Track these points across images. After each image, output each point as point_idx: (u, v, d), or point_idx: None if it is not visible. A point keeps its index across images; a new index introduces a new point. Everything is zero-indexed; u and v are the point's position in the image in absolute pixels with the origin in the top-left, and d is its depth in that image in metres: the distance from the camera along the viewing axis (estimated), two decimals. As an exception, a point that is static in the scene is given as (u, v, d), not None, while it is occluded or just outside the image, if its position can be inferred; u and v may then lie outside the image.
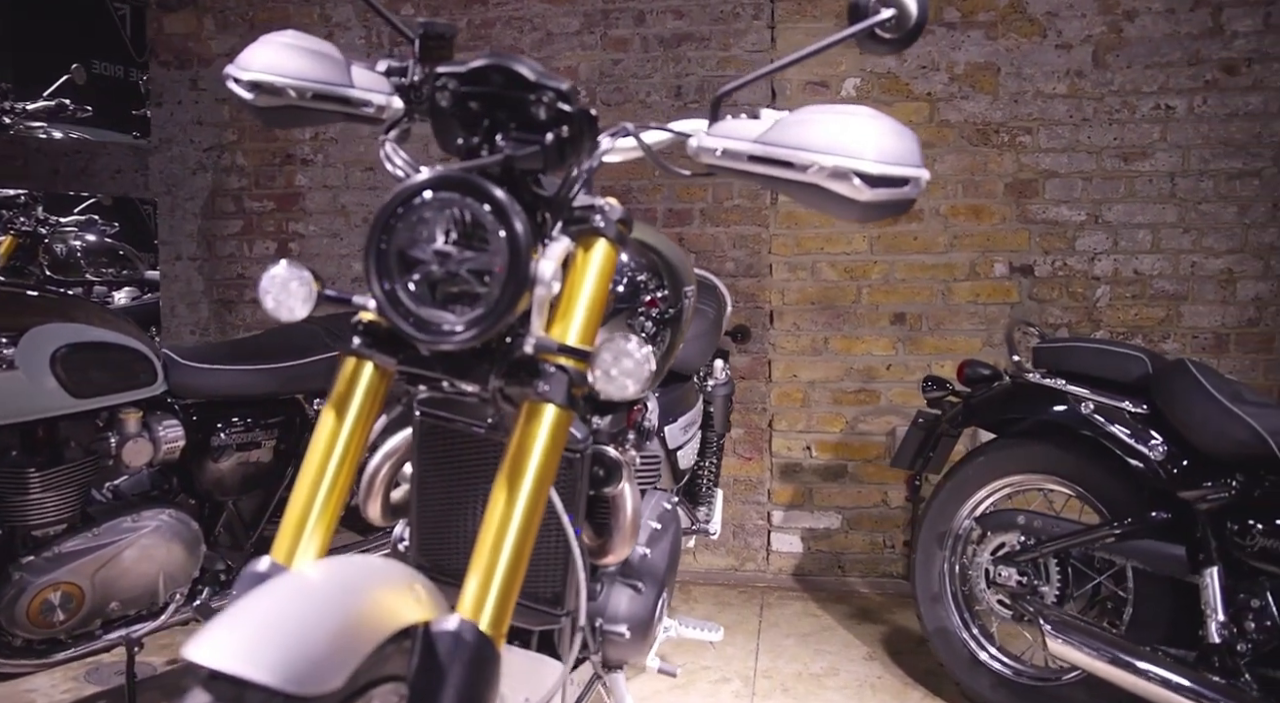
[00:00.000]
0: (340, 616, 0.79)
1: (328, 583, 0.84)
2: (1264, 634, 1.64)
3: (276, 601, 0.78)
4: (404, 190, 0.93)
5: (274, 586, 0.82)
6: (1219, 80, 2.76)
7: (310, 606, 0.79)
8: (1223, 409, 1.71)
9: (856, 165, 0.94)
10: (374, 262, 0.94)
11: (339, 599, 0.81)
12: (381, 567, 0.91)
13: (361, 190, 3.19)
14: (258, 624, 0.75)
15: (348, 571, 0.87)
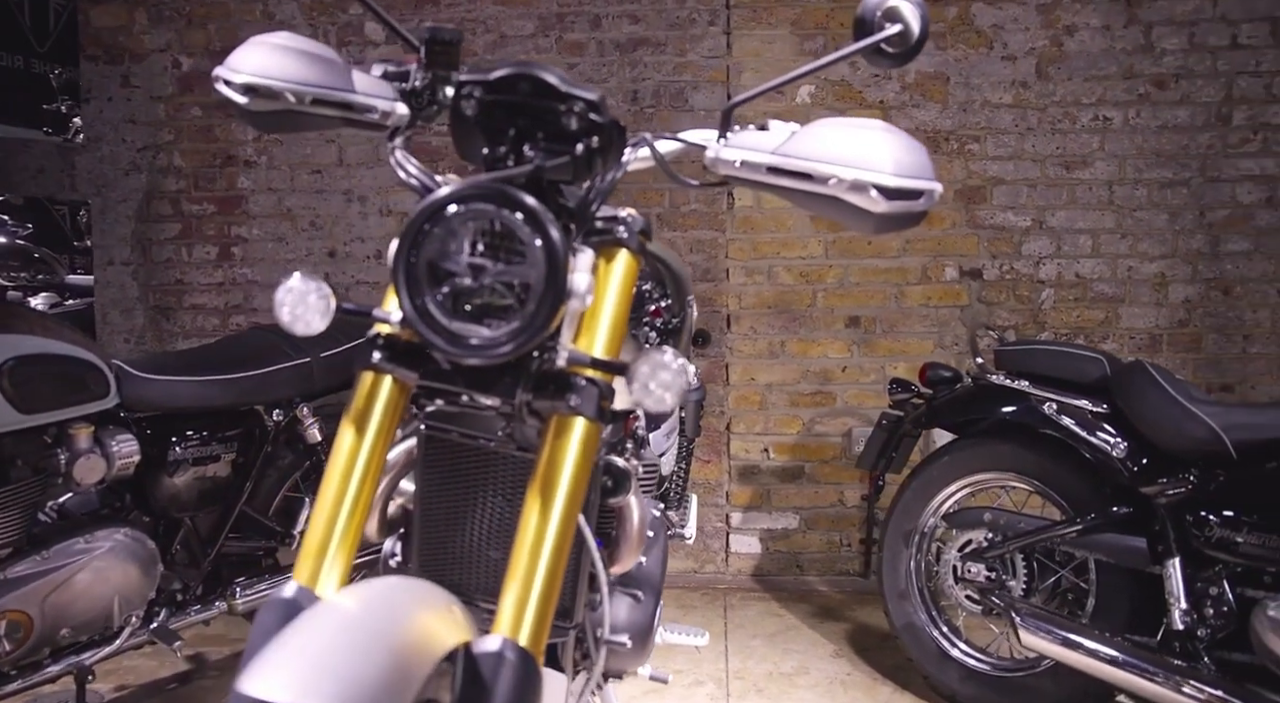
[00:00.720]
0: (391, 644, 0.77)
1: (373, 610, 0.81)
2: (1221, 620, 1.73)
3: (326, 631, 0.76)
4: (436, 201, 0.90)
5: (318, 615, 0.79)
6: (1151, 94, 2.91)
7: (361, 635, 0.76)
8: (1181, 408, 1.80)
9: (874, 178, 0.96)
10: (404, 275, 0.91)
11: (388, 628, 0.78)
12: (417, 589, 0.89)
13: (308, 193, 3.09)
14: (311, 656, 0.72)
15: (389, 596, 0.85)
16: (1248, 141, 2.91)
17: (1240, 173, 2.92)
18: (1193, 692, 1.68)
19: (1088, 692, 1.96)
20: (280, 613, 0.88)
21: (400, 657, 0.76)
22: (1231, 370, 2.95)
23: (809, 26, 2.95)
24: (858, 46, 1.11)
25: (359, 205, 3.08)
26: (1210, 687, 1.67)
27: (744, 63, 2.97)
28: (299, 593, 0.90)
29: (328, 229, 3.09)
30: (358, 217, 3.08)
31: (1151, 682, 1.72)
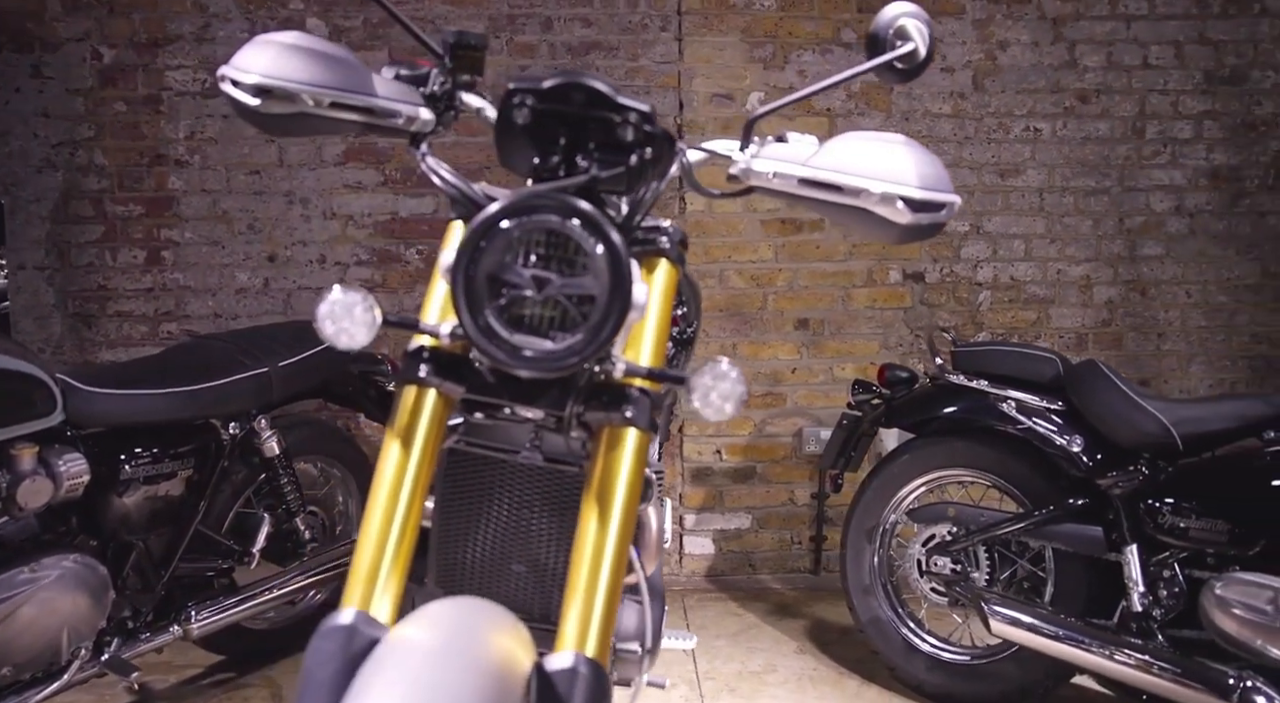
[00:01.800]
0: (486, 672, 0.75)
1: (460, 640, 0.79)
2: (1174, 600, 1.85)
3: (419, 666, 0.73)
4: (499, 211, 0.88)
5: (404, 648, 0.76)
6: (1075, 107, 3.08)
7: (456, 668, 0.74)
8: (1133, 404, 1.92)
9: (903, 191, 1.00)
10: (463, 289, 0.88)
11: (479, 656, 0.77)
12: (484, 610, 0.87)
13: (246, 195, 2.96)
14: (414, 694, 0.70)
15: (466, 621, 0.83)
16: (1159, 154, 3.12)
17: (1153, 183, 3.13)
18: (1149, 667, 1.79)
19: (1048, 673, 2.06)
20: (340, 641, 0.85)
21: (496, 684, 0.75)
22: (1148, 367, 3.16)
23: (758, 34, 3.01)
24: (874, 63, 1.15)
25: (301, 208, 2.97)
26: (1165, 662, 1.79)
27: (695, 68, 3.00)
28: (357, 619, 0.87)
29: (267, 232, 2.97)
30: (300, 220, 2.97)
31: (1112, 660, 1.83)
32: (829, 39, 3.03)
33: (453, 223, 1.08)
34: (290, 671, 2.41)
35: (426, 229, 2.99)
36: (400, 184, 2.98)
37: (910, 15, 1.16)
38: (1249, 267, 3.18)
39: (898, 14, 1.16)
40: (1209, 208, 3.14)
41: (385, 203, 2.98)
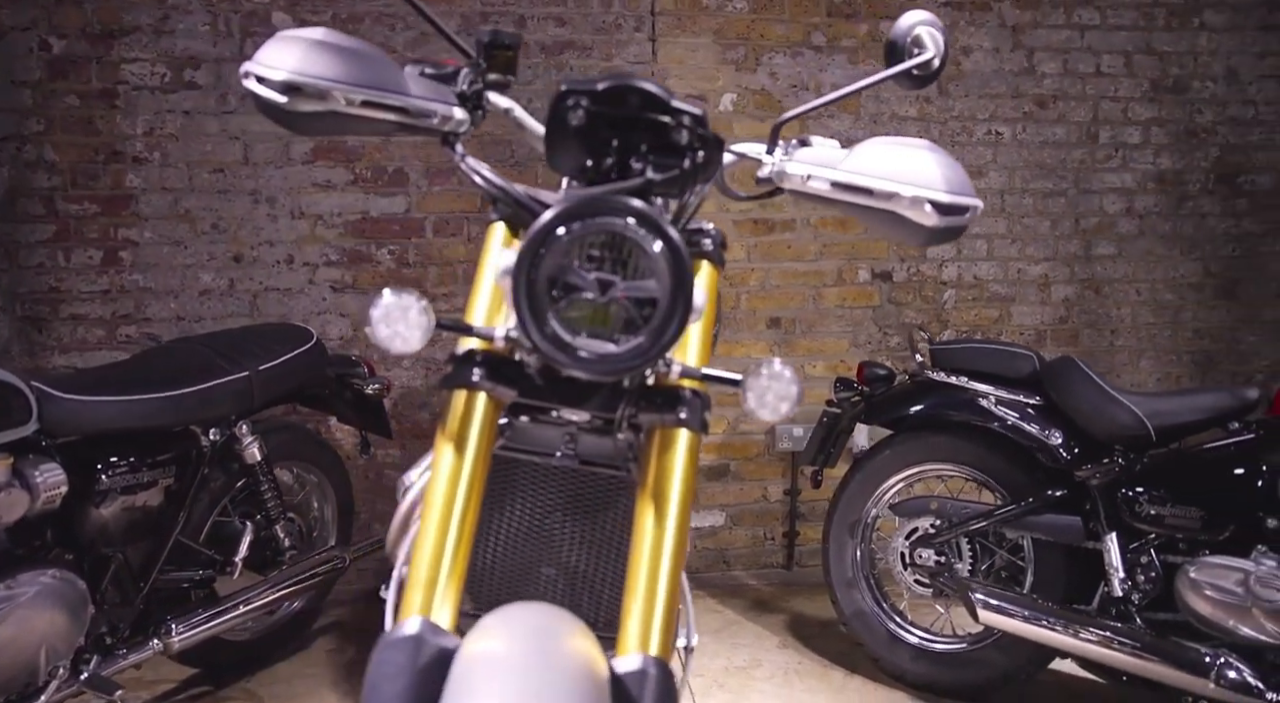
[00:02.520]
0: (579, 680, 0.75)
1: (546, 647, 0.78)
2: (1151, 584, 1.94)
3: (515, 675, 0.73)
4: (561, 215, 0.88)
5: (492, 658, 0.76)
6: (1034, 112, 3.19)
7: (553, 676, 0.74)
8: (1109, 398, 2.00)
9: (931, 195, 1.03)
10: (526, 293, 0.87)
11: (567, 664, 0.77)
12: (555, 616, 0.87)
13: (209, 194, 2.87)
14: (522, 690, 0.70)
15: (543, 627, 0.82)
16: (1111, 158, 3.25)
17: (1106, 185, 3.26)
18: (1129, 648, 1.88)
19: (1029, 659, 2.14)
20: (409, 653, 0.84)
21: (591, 688, 0.75)
22: (1101, 362, 3.29)
23: (731, 36, 3.04)
24: (894, 71, 1.19)
25: (267, 207, 2.89)
26: (1144, 643, 1.87)
27: (669, 69, 3.02)
28: (424, 628, 0.85)
29: (232, 232, 2.88)
30: (266, 219, 2.89)
31: (1095, 644, 1.90)
32: (799, 42, 3.07)
33: (493, 224, 1.07)
34: (269, 682, 2.35)
35: (398, 229, 2.95)
36: (371, 183, 2.92)
37: (926, 24, 1.19)
38: (1192, 266, 3.33)
39: (914, 22, 1.19)
40: (1156, 210, 3.29)
41: (355, 202, 2.92)
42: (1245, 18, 3.30)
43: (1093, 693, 2.27)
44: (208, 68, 2.84)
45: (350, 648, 2.57)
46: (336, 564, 2.40)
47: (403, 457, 3.01)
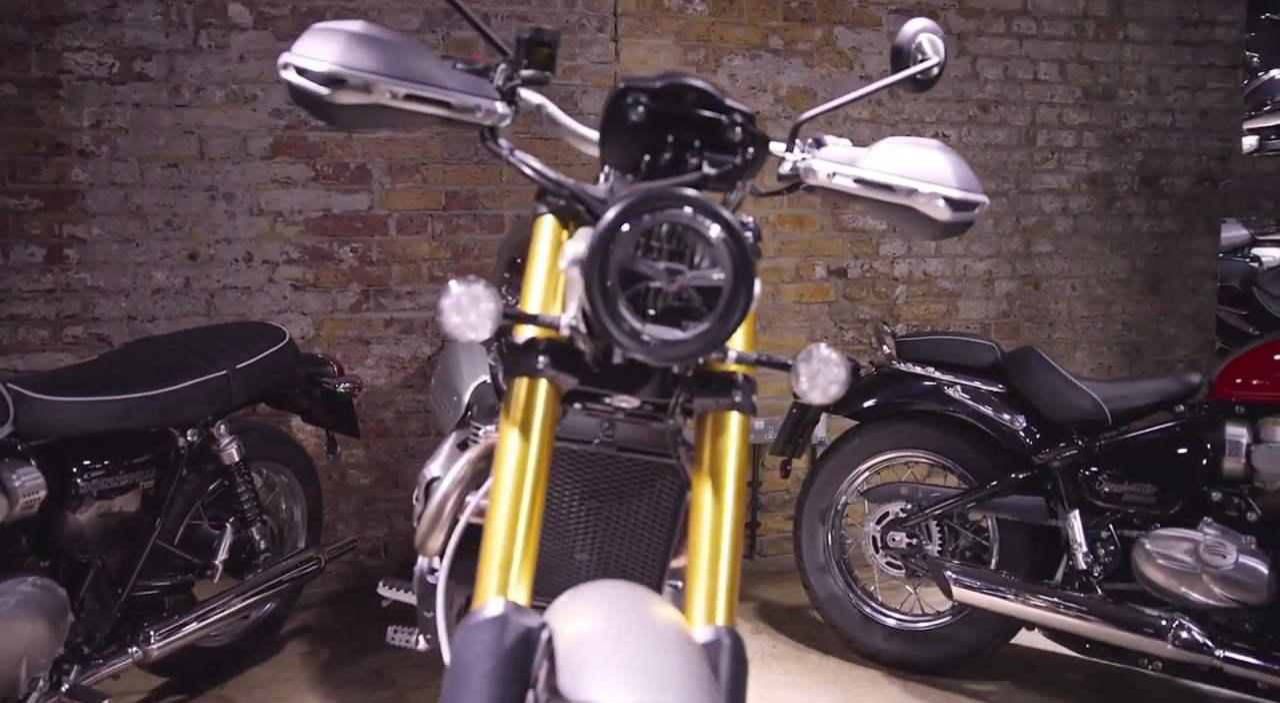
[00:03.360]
0: (687, 646, 0.79)
1: (641, 614, 0.81)
2: (1110, 557, 2.08)
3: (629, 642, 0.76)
4: (629, 208, 0.90)
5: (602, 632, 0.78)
6: (977, 116, 3.35)
7: (658, 642, 0.77)
8: (1069, 384, 2.13)
9: (945, 192, 1.11)
10: (599, 282, 0.90)
11: (665, 634, 0.80)
12: (636, 590, 0.91)
13: (163, 189, 2.78)
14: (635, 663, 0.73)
15: (633, 598, 0.85)
16: (1047, 160, 3.44)
17: (1043, 186, 3.45)
18: (1093, 617, 2.01)
19: (996, 633, 2.26)
20: (495, 633, 0.86)
21: (698, 653, 0.78)
22: (1040, 353, 3.47)
23: (691, 38, 3.10)
24: (902, 76, 1.27)
25: (225, 204, 2.81)
26: (1106, 612, 2.00)
27: (631, 69, 3.06)
28: (508, 609, 0.87)
29: (187, 229, 2.80)
30: (224, 216, 2.81)
31: (1061, 614, 2.03)
32: (758, 45, 3.16)
33: (542, 217, 1.08)
34: (246, 688, 2.30)
35: (361, 227, 2.91)
36: (333, 180, 2.88)
37: (928, 32, 1.27)
38: (1121, 263, 3.55)
39: (918, 30, 1.27)
40: (1089, 210, 3.49)
41: (317, 199, 2.87)
42: (1163, 32, 3.53)
43: (1050, 664, 2.41)
44: (159, 59, 2.75)
45: (324, 650, 2.53)
46: (313, 566, 2.36)
47: (366, 457, 2.97)
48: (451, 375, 2.05)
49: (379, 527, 3.00)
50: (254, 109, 2.80)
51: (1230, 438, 1.97)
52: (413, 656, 2.49)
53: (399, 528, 3.02)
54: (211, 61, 2.77)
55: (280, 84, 2.78)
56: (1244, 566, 1.89)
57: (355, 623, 2.73)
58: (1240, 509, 1.96)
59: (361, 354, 2.93)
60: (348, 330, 2.93)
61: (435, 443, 2.98)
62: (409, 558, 3.01)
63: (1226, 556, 1.90)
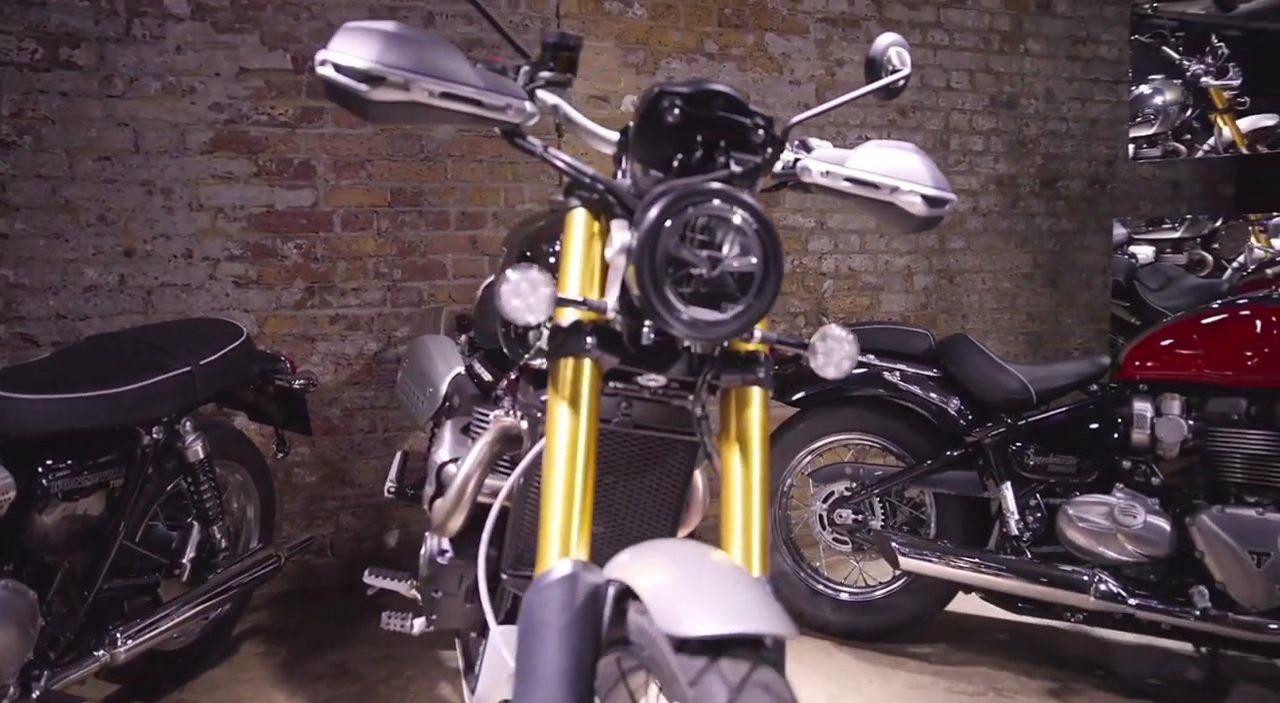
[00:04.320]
0: (751, 588, 0.88)
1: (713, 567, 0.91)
2: (1038, 523, 2.29)
3: (707, 583, 0.85)
4: (675, 201, 0.99)
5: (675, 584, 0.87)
6: (897, 120, 3.57)
7: (729, 580, 0.87)
8: (999, 368, 2.33)
9: (924, 190, 1.25)
10: (649, 269, 0.98)
11: (736, 577, 0.89)
12: (692, 544, 1.00)
13: (94, 183, 2.68)
14: (718, 597, 0.82)
15: (695, 551, 0.94)
16: (960, 162, 3.70)
17: (956, 187, 3.69)
18: (1025, 577, 2.21)
19: (934, 599, 2.44)
20: (568, 590, 0.93)
21: (762, 594, 0.88)
22: (954, 343, 3.73)
23: (631, 41, 3.19)
24: (877, 85, 1.40)
25: (163, 199, 2.74)
26: (1036, 572, 2.21)
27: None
28: (576, 567, 0.95)
29: (122, 224, 2.71)
30: (161, 211, 2.74)
31: (997, 576, 2.22)
32: (694, 49, 3.28)
33: (574, 210, 1.15)
34: (207, 689, 2.26)
35: (305, 223, 2.88)
36: (276, 175, 2.84)
37: (897, 45, 1.40)
38: (1024, 258, 3.85)
39: (888, 44, 1.40)
40: (996, 209, 3.77)
41: (259, 195, 2.83)
42: (1056, 48, 3.85)
43: (980, 627, 2.62)
44: (89, 47, 2.65)
45: (281, 650, 2.51)
46: (272, 564, 2.34)
47: (312, 455, 2.94)
48: (424, 368, 2.08)
49: (326, 525, 2.97)
50: (193, 102, 2.74)
51: (1136, 413, 2.20)
52: (376, 648, 2.51)
53: (346, 526, 3.00)
54: (146, 52, 2.69)
55: (220, 78, 2.74)
56: (1150, 524, 2.13)
57: (308, 621, 2.71)
58: (1146, 475, 2.20)
59: (306, 351, 2.90)
60: (292, 328, 2.89)
61: (392, 437, 2.98)
62: (356, 556, 3.00)
63: (1136, 516, 2.13)
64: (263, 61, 2.79)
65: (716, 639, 0.78)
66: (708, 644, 0.79)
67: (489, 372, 1.94)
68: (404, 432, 3.03)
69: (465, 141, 3.03)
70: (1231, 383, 2.13)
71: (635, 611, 0.91)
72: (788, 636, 0.81)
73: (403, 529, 3.07)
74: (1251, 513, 2.04)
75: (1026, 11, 3.77)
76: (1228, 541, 2.04)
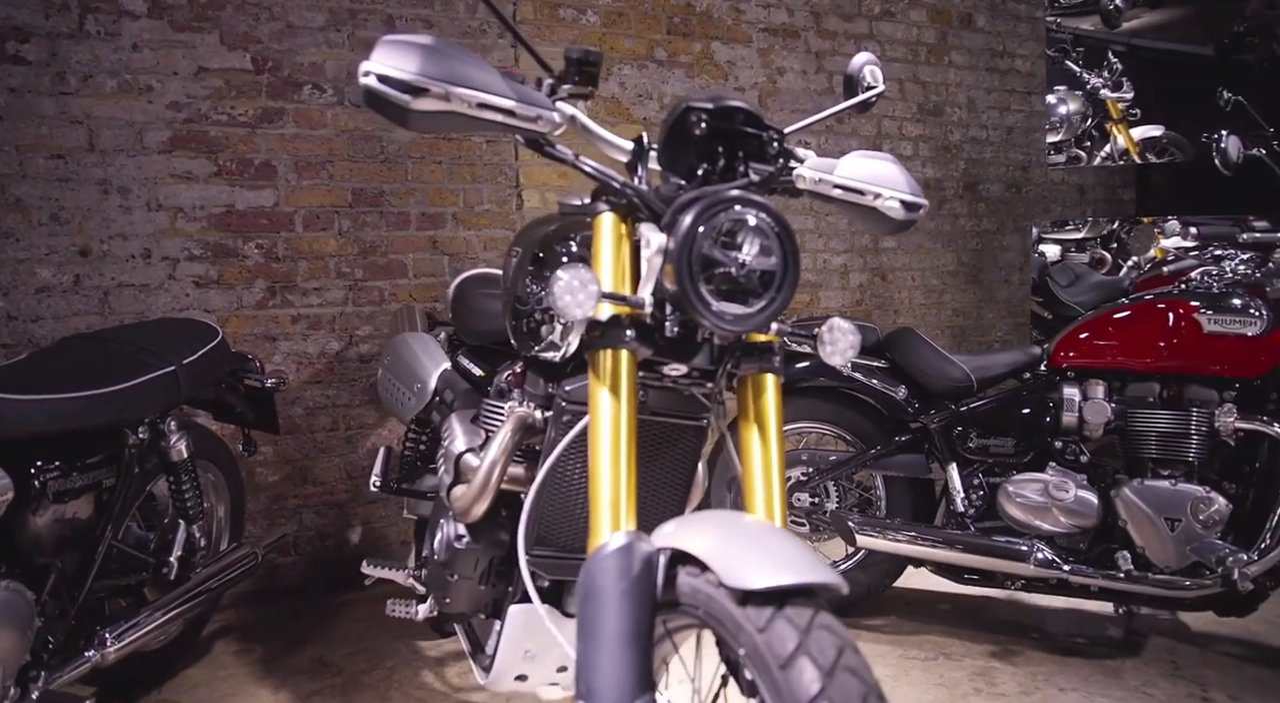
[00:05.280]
0: (792, 538, 1.01)
1: (754, 525, 1.03)
2: (981, 500, 2.49)
3: (757, 541, 0.97)
4: (707, 208, 1.11)
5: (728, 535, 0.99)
6: (833, 126, 3.77)
7: (775, 539, 0.99)
8: (944, 358, 2.53)
9: (902, 196, 1.41)
10: (686, 268, 1.10)
11: (776, 530, 1.02)
12: (729, 511, 1.12)
13: (48, 182, 2.63)
14: (771, 553, 0.95)
15: (736, 516, 1.07)
16: (890, 166, 3.92)
17: (887, 189, 3.92)
18: (971, 550, 2.41)
19: (885, 574, 2.63)
20: (625, 558, 1.04)
21: (799, 541, 1.00)
22: (887, 337, 3.96)
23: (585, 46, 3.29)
24: (857, 100, 1.55)
25: (119, 198, 2.70)
26: (980, 545, 2.41)
27: (529, 74, 3.20)
28: (631, 537, 1.06)
29: (76, 224, 2.66)
30: (118, 211, 2.70)
31: (946, 550, 2.42)
32: (644, 56, 3.40)
33: (602, 215, 1.25)
34: (186, 688, 2.27)
35: (266, 223, 2.88)
36: (237, 175, 2.83)
37: (871, 63, 1.56)
38: (949, 257, 4.11)
39: (863, 62, 1.55)
40: (924, 211, 4.01)
41: (219, 195, 2.81)
42: (977, 60, 4.12)
43: (925, 600, 2.82)
44: (39, 42, 2.60)
45: (255, 647, 2.52)
46: (250, 561, 2.35)
47: (275, 454, 2.94)
48: (410, 365, 2.14)
49: (288, 523, 2.98)
50: (150, 101, 2.71)
51: (1066, 398, 2.43)
52: (351, 642, 2.55)
53: (309, 524, 3.01)
54: (101, 48, 2.65)
55: (179, 76, 2.73)
56: (1080, 498, 2.35)
57: (278, 620, 2.72)
58: (1075, 454, 2.43)
59: (268, 351, 2.90)
60: (254, 327, 2.89)
61: (354, 435, 2.99)
62: (320, 554, 3.02)
63: (1068, 491, 2.35)
64: (222, 61, 2.78)
65: (780, 590, 0.90)
66: (771, 596, 0.91)
67: (478, 367, 2.02)
68: (366, 429, 3.06)
69: (425, 143, 3.08)
70: (1146, 369, 2.38)
71: (686, 574, 1.02)
72: (840, 587, 0.93)
73: (365, 526, 3.10)
74: (1166, 484, 2.28)
75: (950, 25, 4.03)
76: (1146, 510, 2.28)
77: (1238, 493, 2.28)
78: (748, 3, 3.57)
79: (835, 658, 0.85)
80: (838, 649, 0.86)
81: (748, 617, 0.91)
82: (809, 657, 0.85)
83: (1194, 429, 2.30)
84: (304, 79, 2.89)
